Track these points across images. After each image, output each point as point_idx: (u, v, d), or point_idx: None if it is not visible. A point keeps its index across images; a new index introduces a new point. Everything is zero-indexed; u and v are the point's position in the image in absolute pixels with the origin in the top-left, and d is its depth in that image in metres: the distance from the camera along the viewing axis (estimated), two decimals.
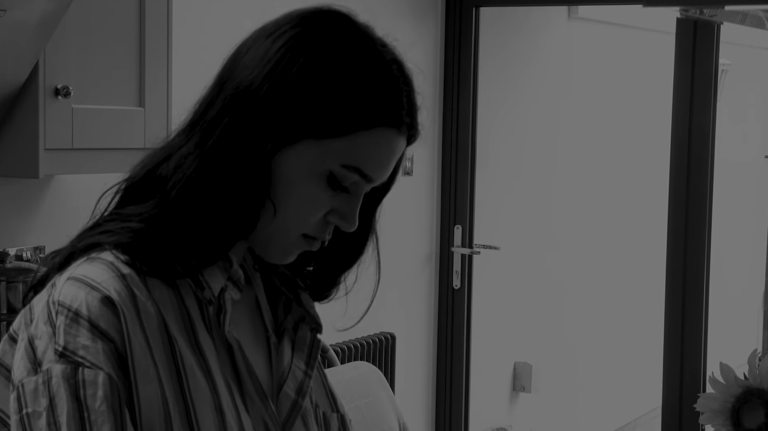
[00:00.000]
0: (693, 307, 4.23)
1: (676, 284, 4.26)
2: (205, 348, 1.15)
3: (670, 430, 4.31)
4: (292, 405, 1.22)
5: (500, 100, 5.32)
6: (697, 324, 4.23)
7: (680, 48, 4.18)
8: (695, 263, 4.22)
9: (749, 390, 1.98)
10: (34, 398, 1.08)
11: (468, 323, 4.84)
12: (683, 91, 4.18)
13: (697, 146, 4.17)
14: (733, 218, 7.08)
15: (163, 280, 1.15)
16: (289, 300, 1.29)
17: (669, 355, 4.31)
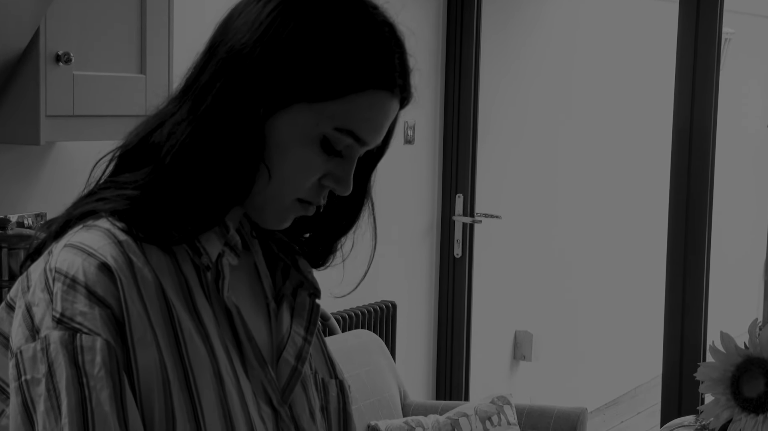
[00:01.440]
0: (694, 276, 4.23)
1: (677, 253, 4.26)
2: (203, 314, 1.15)
3: (669, 399, 4.32)
4: (292, 371, 1.22)
5: (503, 69, 5.31)
6: (698, 293, 4.23)
7: (683, 16, 4.16)
8: (696, 232, 4.22)
9: (749, 359, 1.98)
10: (33, 365, 1.08)
11: (469, 292, 4.85)
12: (686, 59, 4.16)
13: (700, 115, 4.16)
14: (734, 187, 7.07)
15: (160, 247, 1.15)
16: (287, 266, 1.29)
17: (669, 324, 4.32)
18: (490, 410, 3.83)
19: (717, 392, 2.00)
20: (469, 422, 3.79)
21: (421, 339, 4.82)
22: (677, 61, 4.18)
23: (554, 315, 5.96)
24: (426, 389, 4.85)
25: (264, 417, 1.18)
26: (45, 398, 1.06)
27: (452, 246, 4.83)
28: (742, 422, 1.95)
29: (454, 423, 3.78)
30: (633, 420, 6.38)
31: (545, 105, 5.75)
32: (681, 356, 4.27)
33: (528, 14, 5.52)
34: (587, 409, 3.89)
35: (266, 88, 1.15)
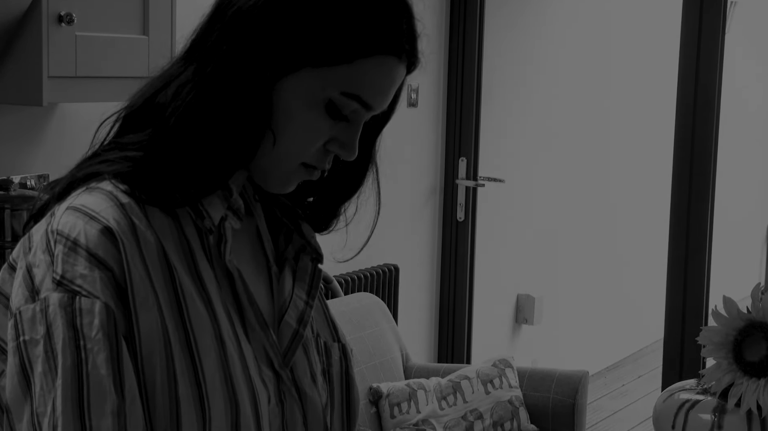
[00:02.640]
0: (696, 240, 4.23)
1: (680, 217, 4.26)
2: (205, 277, 1.15)
3: (671, 363, 4.33)
4: (293, 334, 1.23)
5: (507, 32, 5.28)
6: (701, 257, 4.24)
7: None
8: (700, 196, 4.21)
9: (752, 323, 1.98)
10: (32, 326, 1.08)
11: (471, 255, 4.86)
12: (692, 23, 4.14)
13: (705, 76, 4.14)
14: (739, 152, 7.06)
15: (163, 209, 1.15)
16: (289, 231, 1.29)
17: (672, 288, 4.32)
18: (491, 373, 3.84)
19: (719, 356, 2.01)
20: (471, 385, 3.80)
21: (424, 303, 4.83)
22: (682, 24, 4.16)
23: (556, 279, 5.97)
24: (428, 352, 4.86)
25: (265, 379, 1.18)
26: (43, 359, 1.07)
27: (455, 210, 4.83)
28: (743, 386, 1.96)
29: (455, 385, 3.80)
30: (634, 384, 6.41)
31: (549, 69, 5.73)
32: (683, 320, 4.28)
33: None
34: (588, 372, 3.90)
35: (273, 52, 1.15)
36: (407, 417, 3.69)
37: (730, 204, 6.20)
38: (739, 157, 7.13)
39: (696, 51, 4.16)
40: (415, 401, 3.72)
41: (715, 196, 4.23)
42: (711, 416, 1.98)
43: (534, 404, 3.84)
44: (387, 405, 3.70)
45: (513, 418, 3.78)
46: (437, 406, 3.74)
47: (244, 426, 1.13)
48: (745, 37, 6.99)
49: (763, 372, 1.96)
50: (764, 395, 1.94)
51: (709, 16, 4.10)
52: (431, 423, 3.70)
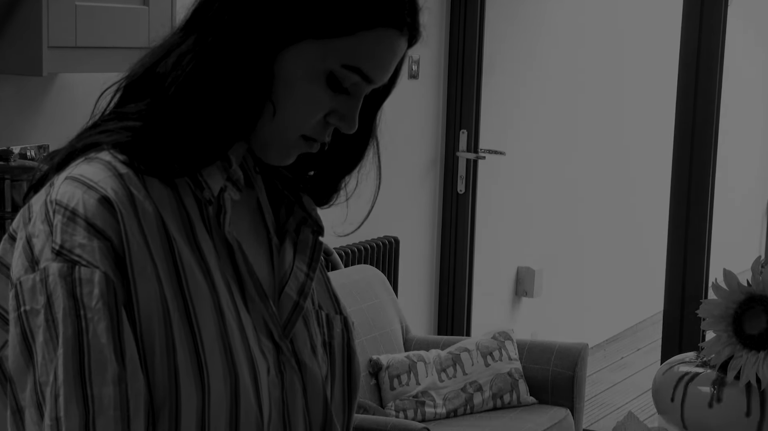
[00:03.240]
0: (697, 214, 4.23)
1: (680, 190, 4.26)
2: (204, 247, 1.15)
3: (670, 336, 4.34)
4: (294, 306, 1.23)
5: (508, 4, 5.26)
6: (701, 230, 4.24)
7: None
8: (700, 170, 4.21)
9: (752, 296, 1.98)
10: (32, 295, 1.08)
11: (472, 228, 4.86)
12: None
13: (706, 51, 4.13)
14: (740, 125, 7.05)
15: (162, 180, 1.15)
16: (290, 203, 1.29)
17: (672, 261, 4.32)
18: (491, 345, 3.85)
19: (719, 329, 2.01)
20: (471, 357, 3.81)
21: (424, 275, 4.83)
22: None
23: (556, 252, 5.97)
24: (428, 324, 4.87)
25: (265, 350, 1.18)
26: (44, 329, 1.07)
27: (456, 183, 4.82)
28: (743, 359, 1.96)
29: (455, 357, 3.81)
30: (633, 356, 6.42)
31: (552, 41, 5.71)
32: (683, 293, 4.28)
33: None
34: (588, 345, 3.91)
35: (275, 22, 1.14)
36: (407, 389, 3.70)
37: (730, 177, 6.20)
38: (741, 130, 7.12)
39: (698, 22, 4.14)
40: (414, 373, 3.73)
41: (716, 169, 4.23)
42: (710, 389, 1.98)
43: (533, 376, 3.85)
44: (387, 377, 3.71)
45: (512, 390, 3.79)
46: (437, 378, 3.75)
47: (244, 397, 1.13)
48: (746, 10, 6.96)
49: (762, 345, 1.96)
50: (764, 368, 1.94)
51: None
52: (431, 395, 3.71)
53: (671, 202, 4.29)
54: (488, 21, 4.81)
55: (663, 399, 2.05)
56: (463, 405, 3.73)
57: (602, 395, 5.73)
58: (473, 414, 3.74)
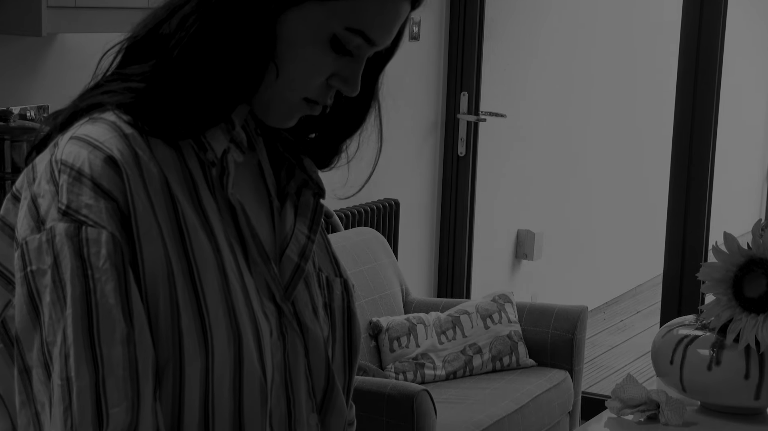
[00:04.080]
0: (697, 176, 4.23)
1: (681, 153, 4.25)
2: (208, 209, 1.15)
3: (670, 299, 4.35)
4: (295, 268, 1.23)
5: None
6: (701, 193, 4.24)
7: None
8: (701, 133, 4.20)
9: (752, 259, 1.99)
10: (38, 256, 1.08)
11: (472, 190, 4.85)
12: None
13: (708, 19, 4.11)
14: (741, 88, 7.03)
15: (166, 141, 1.15)
16: (291, 166, 1.28)
17: (672, 224, 4.33)
18: (491, 308, 3.86)
19: (718, 292, 2.02)
20: (470, 319, 3.82)
21: (424, 237, 4.83)
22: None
23: (557, 215, 5.97)
24: (428, 286, 4.88)
25: (267, 312, 1.18)
26: (51, 289, 1.07)
27: (456, 145, 4.82)
28: (742, 321, 1.97)
29: (455, 320, 3.82)
30: (632, 319, 6.44)
31: (554, 3, 5.68)
32: (682, 256, 4.29)
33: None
34: (587, 307, 3.92)
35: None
36: (406, 351, 3.71)
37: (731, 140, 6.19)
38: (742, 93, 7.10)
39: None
40: (414, 335, 3.74)
41: (717, 132, 4.22)
42: (709, 351, 1.99)
43: (533, 339, 3.86)
44: (386, 339, 3.72)
45: (512, 353, 3.80)
46: (436, 340, 3.76)
47: (247, 359, 1.13)
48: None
49: (762, 308, 1.96)
50: (763, 330, 1.95)
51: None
52: (430, 357, 3.73)
53: (672, 165, 4.29)
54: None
55: (662, 361, 2.06)
56: (463, 368, 3.75)
57: (601, 357, 5.75)
58: (472, 377, 3.76)
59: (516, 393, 3.57)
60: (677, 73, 4.23)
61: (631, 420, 1.97)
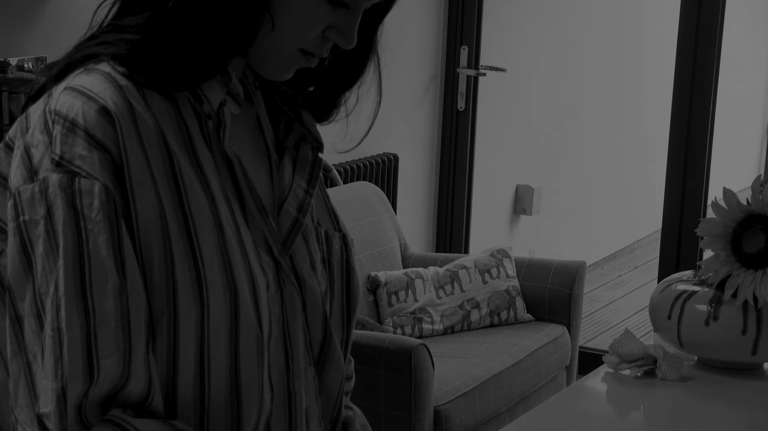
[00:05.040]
0: (697, 132, 4.22)
1: (681, 108, 4.24)
2: (204, 162, 1.15)
3: (668, 254, 4.36)
4: (293, 222, 1.22)
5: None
6: (701, 148, 4.23)
7: None
8: (701, 88, 4.19)
9: (751, 215, 1.98)
10: (31, 206, 1.08)
11: (471, 145, 4.84)
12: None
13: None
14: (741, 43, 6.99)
15: (161, 93, 1.14)
16: (290, 119, 1.28)
17: (671, 179, 4.32)
18: (489, 263, 3.86)
19: (717, 248, 2.01)
20: (469, 274, 3.83)
21: (423, 192, 4.83)
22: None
23: (556, 170, 5.96)
24: (426, 241, 4.88)
25: (264, 266, 1.18)
26: (44, 239, 1.07)
27: (456, 99, 4.80)
28: (740, 277, 1.97)
29: (453, 275, 3.82)
30: (631, 274, 6.45)
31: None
32: (681, 211, 4.29)
33: None
34: (586, 263, 3.93)
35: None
36: (405, 306, 3.72)
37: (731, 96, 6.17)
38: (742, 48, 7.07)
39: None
40: (412, 290, 3.75)
41: (718, 87, 4.21)
42: (707, 307, 1.99)
43: (531, 294, 3.87)
44: (385, 293, 3.72)
45: (509, 307, 3.81)
46: (434, 295, 3.77)
47: (243, 312, 1.13)
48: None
49: (760, 264, 1.96)
50: (761, 286, 1.95)
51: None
52: (428, 312, 3.74)
53: (672, 119, 4.28)
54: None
55: (660, 317, 2.06)
56: (461, 322, 3.76)
57: (599, 313, 5.77)
58: (470, 331, 3.77)
59: (513, 348, 3.58)
60: (678, 28, 4.21)
61: (628, 374, 1.98)
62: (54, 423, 1.04)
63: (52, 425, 1.04)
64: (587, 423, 1.84)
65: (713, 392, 1.94)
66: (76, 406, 1.04)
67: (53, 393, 1.04)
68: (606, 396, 1.98)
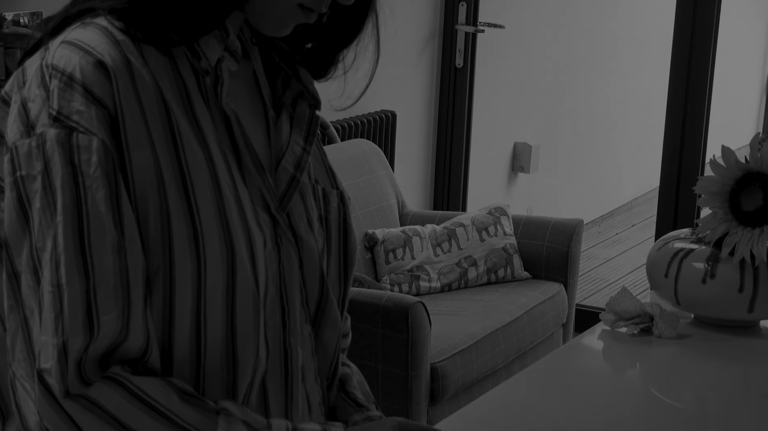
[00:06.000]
0: (696, 89, 4.21)
1: (679, 65, 4.22)
2: (201, 118, 1.14)
3: (665, 212, 4.36)
4: (290, 179, 1.22)
5: None
6: (699, 106, 4.22)
7: None
8: (700, 45, 4.17)
9: (749, 173, 1.98)
10: (28, 161, 1.07)
11: (469, 102, 4.83)
12: None
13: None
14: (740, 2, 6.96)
15: (158, 48, 1.13)
16: (287, 76, 1.27)
17: (669, 137, 4.31)
18: (486, 220, 3.86)
19: (715, 206, 2.01)
20: (466, 232, 3.83)
21: (420, 150, 4.82)
22: None
23: (554, 128, 5.95)
24: (424, 199, 4.88)
25: (261, 223, 1.18)
26: (41, 195, 1.06)
27: (454, 56, 4.78)
28: (738, 235, 1.97)
29: (450, 232, 3.82)
30: (628, 232, 6.46)
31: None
32: (679, 169, 4.28)
33: None
34: (583, 221, 3.93)
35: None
36: (402, 263, 3.73)
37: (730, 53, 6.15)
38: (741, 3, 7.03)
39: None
40: (410, 247, 3.75)
41: (717, 45, 4.19)
42: (704, 265, 1.99)
43: (528, 251, 3.87)
44: (382, 251, 3.73)
45: (507, 265, 3.82)
46: (432, 253, 3.77)
47: (240, 269, 1.13)
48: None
49: (758, 222, 1.96)
50: (758, 244, 1.95)
51: None
52: (425, 270, 3.74)
53: (670, 77, 4.26)
54: None
55: (657, 274, 2.06)
56: (458, 280, 3.76)
57: (596, 270, 5.78)
58: (467, 289, 3.78)
59: (510, 306, 3.59)
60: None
61: (624, 332, 1.98)
62: (55, 379, 1.04)
63: (54, 380, 1.04)
64: (583, 380, 1.84)
65: (710, 349, 1.95)
66: (76, 362, 1.04)
67: (54, 348, 1.04)
68: (602, 353, 1.98)
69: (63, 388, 1.04)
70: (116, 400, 1.05)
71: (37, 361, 1.05)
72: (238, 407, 1.12)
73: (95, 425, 1.04)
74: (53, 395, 1.04)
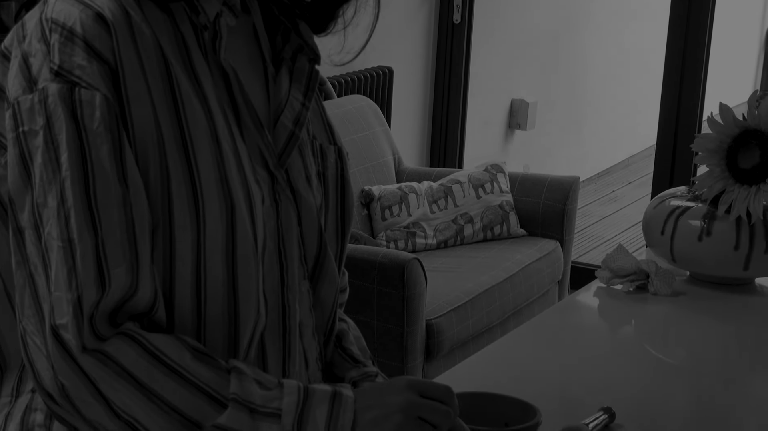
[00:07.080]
0: (694, 46, 4.19)
1: (678, 22, 4.21)
2: (201, 74, 1.13)
3: (662, 170, 4.36)
4: (289, 135, 1.21)
5: None
6: (697, 63, 4.20)
7: None
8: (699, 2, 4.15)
9: (747, 130, 1.98)
10: (30, 116, 1.07)
11: (466, 59, 4.81)
12: None
13: None
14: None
15: (157, 4, 1.12)
16: (287, 30, 1.26)
17: (667, 94, 4.30)
18: (483, 177, 3.86)
19: (712, 163, 2.01)
20: (462, 189, 3.83)
21: (417, 106, 4.81)
22: None
23: (551, 85, 5.94)
24: (420, 155, 4.88)
25: (260, 180, 1.17)
26: (43, 150, 1.06)
27: (451, 12, 4.75)
28: (734, 193, 1.97)
29: (447, 189, 3.82)
30: (624, 190, 6.47)
31: None
32: (676, 127, 4.28)
33: None
34: (579, 178, 3.93)
35: None
36: (398, 220, 3.73)
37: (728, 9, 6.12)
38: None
39: None
40: (406, 204, 3.76)
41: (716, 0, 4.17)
42: (700, 222, 2.00)
43: (524, 209, 3.88)
44: (378, 207, 3.73)
45: (503, 222, 3.82)
46: (428, 209, 3.78)
47: (240, 226, 1.13)
48: None
49: (755, 180, 1.97)
50: (755, 202, 1.95)
51: None
52: (422, 226, 3.74)
53: (668, 33, 4.25)
54: None
55: (653, 232, 2.07)
56: (454, 237, 3.77)
57: (592, 228, 5.79)
58: (463, 246, 3.78)
59: (506, 263, 3.60)
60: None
61: (620, 289, 1.99)
62: (72, 334, 1.04)
63: (70, 335, 1.04)
64: (579, 337, 1.85)
65: (705, 307, 1.96)
66: (89, 317, 1.04)
67: (68, 304, 1.04)
68: (598, 310, 1.99)
69: (79, 343, 1.04)
70: (131, 356, 1.05)
71: (49, 317, 1.05)
72: (249, 366, 1.12)
73: (109, 379, 1.04)
74: (69, 350, 1.04)
